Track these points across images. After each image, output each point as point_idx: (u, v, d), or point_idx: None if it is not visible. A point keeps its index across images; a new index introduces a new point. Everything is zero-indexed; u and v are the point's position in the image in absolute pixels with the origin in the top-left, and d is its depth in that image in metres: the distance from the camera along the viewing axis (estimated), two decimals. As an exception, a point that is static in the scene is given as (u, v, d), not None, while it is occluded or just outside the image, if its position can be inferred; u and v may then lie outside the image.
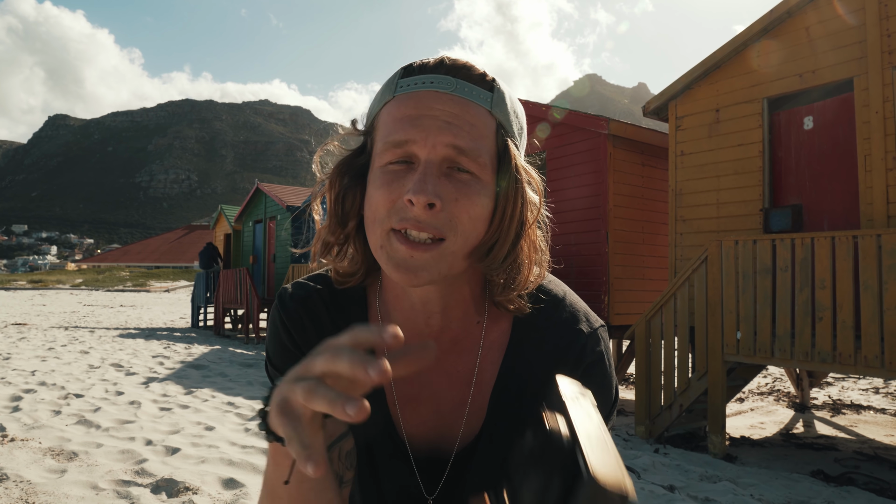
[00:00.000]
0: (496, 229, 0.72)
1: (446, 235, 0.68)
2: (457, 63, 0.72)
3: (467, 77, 0.71)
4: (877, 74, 4.96)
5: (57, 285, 46.37)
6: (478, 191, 0.69)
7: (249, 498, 3.24)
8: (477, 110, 0.70)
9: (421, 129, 0.67)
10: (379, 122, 0.73)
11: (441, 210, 0.67)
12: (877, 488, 3.92)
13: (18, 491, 3.18)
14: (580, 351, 0.79)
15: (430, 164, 0.67)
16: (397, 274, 0.69)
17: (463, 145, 0.67)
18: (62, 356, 8.82)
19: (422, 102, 0.69)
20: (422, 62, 0.73)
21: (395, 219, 0.68)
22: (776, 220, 5.46)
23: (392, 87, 0.72)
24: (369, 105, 0.78)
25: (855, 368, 4.04)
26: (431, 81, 0.70)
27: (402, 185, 0.68)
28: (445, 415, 0.82)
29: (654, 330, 5.20)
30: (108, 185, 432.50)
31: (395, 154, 0.69)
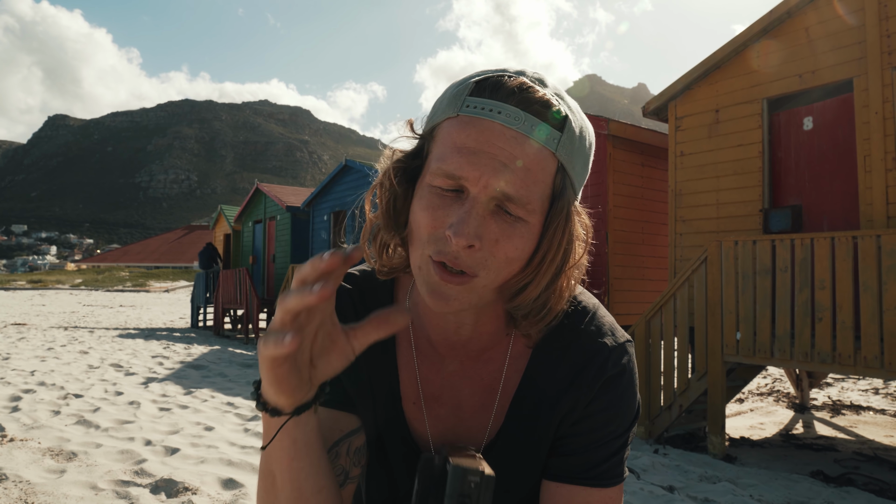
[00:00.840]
0: (534, 270, 0.71)
1: (478, 273, 0.67)
2: (534, 95, 0.67)
3: (539, 114, 0.67)
4: (876, 75, 4.96)
5: (56, 285, 46.35)
6: (521, 234, 0.67)
7: (249, 498, 3.24)
8: (540, 153, 0.67)
9: (476, 167, 0.65)
10: (438, 134, 0.70)
11: (479, 250, 0.66)
12: (876, 489, 3.92)
13: (18, 491, 3.18)
14: (602, 364, 0.79)
15: (477, 203, 0.66)
16: (430, 298, 0.69)
17: (513, 193, 0.65)
18: (61, 356, 8.81)
19: (483, 135, 0.66)
20: (497, 81, 0.68)
21: (433, 249, 0.67)
22: (776, 221, 5.46)
23: (459, 101, 0.69)
24: (432, 107, 0.75)
25: (854, 369, 4.04)
26: (500, 111, 0.66)
27: (446, 215, 0.67)
28: (465, 419, 0.82)
29: (654, 330, 5.20)
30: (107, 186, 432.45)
31: (445, 182, 0.67)
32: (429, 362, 0.83)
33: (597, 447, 0.79)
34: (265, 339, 0.58)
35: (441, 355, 0.83)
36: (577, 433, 0.79)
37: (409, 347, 0.84)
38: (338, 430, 0.80)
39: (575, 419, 0.79)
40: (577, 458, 0.79)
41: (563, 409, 0.79)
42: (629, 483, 3.70)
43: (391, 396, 0.83)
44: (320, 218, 13.84)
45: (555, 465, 0.80)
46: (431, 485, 0.62)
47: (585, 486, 0.78)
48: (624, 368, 0.80)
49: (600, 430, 0.79)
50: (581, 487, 0.78)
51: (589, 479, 0.78)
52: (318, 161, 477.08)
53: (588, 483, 0.78)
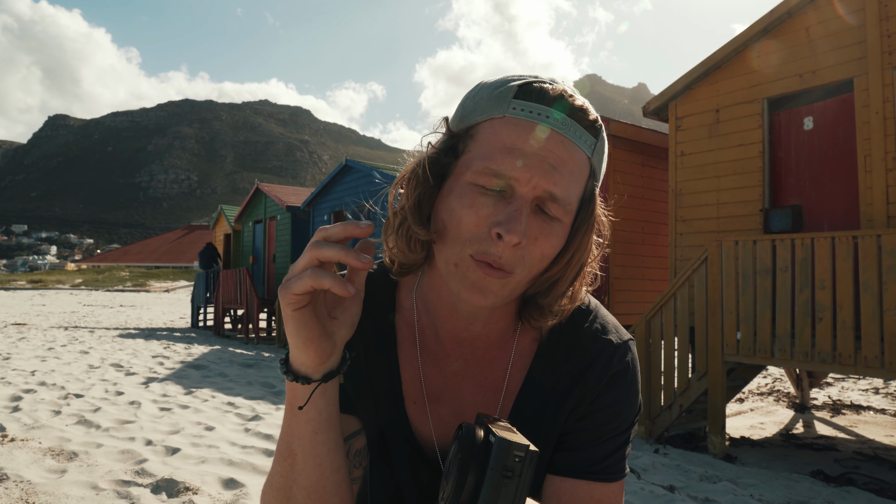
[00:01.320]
0: (562, 268, 0.74)
1: (515, 270, 0.69)
2: (575, 103, 0.71)
3: (580, 120, 0.71)
4: (877, 75, 4.96)
5: (57, 285, 46.36)
6: (556, 233, 0.70)
7: (250, 498, 3.24)
8: (580, 157, 0.71)
9: (527, 167, 0.67)
10: (480, 133, 0.71)
11: (521, 248, 0.68)
12: (877, 488, 3.92)
13: (18, 491, 3.18)
14: (607, 361, 0.81)
15: (524, 202, 0.68)
16: (468, 293, 0.70)
17: (559, 194, 0.68)
18: (62, 356, 8.82)
19: (535, 137, 0.68)
20: (540, 86, 0.71)
21: (475, 248, 0.68)
22: (776, 221, 5.46)
23: (504, 103, 0.70)
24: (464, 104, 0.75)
25: (855, 369, 4.04)
26: (548, 116, 0.69)
27: (490, 213, 0.68)
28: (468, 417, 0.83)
29: (654, 330, 5.20)
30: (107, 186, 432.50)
31: (491, 182, 0.68)
32: (432, 361, 0.83)
33: (601, 443, 0.80)
34: (287, 282, 0.63)
35: (446, 353, 0.83)
36: (581, 429, 0.80)
37: (412, 346, 0.84)
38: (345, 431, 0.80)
39: (580, 415, 0.81)
40: (581, 453, 0.80)
41: (568, 406, 0.80)
42: (630, 483, 3.70)
43: (393, 396, 0.83)
44: (320, 218, 13.84)
45: (559, 460, 0.81)
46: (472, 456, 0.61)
47: (589, 481, 0.79)
48: (628, 365, 0.82)
49: (605, 426, 0.80)
50: (585, 482, 0.79)
51: (593, 473, 0.79)
52: (319, 161, 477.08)
53: (592, 477, 0.79)
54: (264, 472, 3.70)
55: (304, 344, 0.65)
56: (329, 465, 0.71)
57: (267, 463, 3.86)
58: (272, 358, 9.64)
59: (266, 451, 4.14)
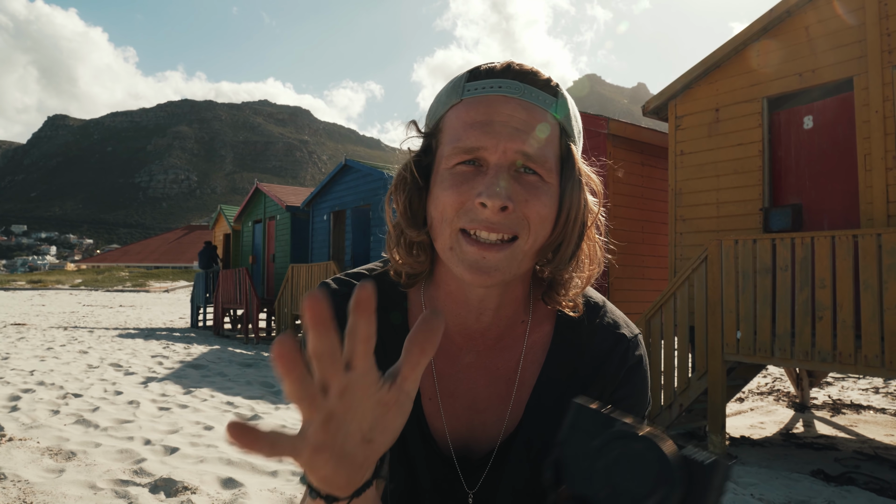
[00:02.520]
0: (561, 230, 0.74)
1: (519, 234, 0.70)
2: (523, 68, 0.73)
3: (533, 82, 0.72)
4: (877, 73, 4.95)
5: (56, 286, 46.33)
6: (545, 191, 0.71)
7: (248, 497, 3.23)
8: (543, 115, 0.71)
9: (491, 135, 0.69)
10: (445, 124, 0.74)
11: (513, 211, 0.68)
12: (877, 488, 3.91)
13: (16, 490, 3.17)
14: (623, 354, 0.82)
15: (500, 168, 0.69)
16: (470, 275, 0.70)
17: (531, 152, 0.69)
18: (61, 356, 8.80)
19: (491, 107, 0.70)
20: (489, 66, 0.74)
21: (465, 219, 0.69)
22: (776, 220, 5.45)
23: (458, 90, 0.74)
24: (430, 107, 0.79)
25: (855, 368, 4.04)
26: (500, 86, 0.71)
27: (471, 187, 0.69)
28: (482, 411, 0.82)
29: (654, 329, 5.19)
30: (107, 186, 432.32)
31: (463, 158, 0.70)
32: (444, 356, 0.83)
33: None
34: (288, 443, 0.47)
35: (458, 347, 0.83)
36: None
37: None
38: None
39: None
40: None
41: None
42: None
43: None
44: (320, 217, 13.83)
45: None
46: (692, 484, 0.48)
47: None
48: (641, 358, 0.83)
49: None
50: None
51: None
52: (318, 161, 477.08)
53: None
54: (263, 471, 3.69)
55: (332, 478, 0.51)
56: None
57: (266, 463, 3.85)
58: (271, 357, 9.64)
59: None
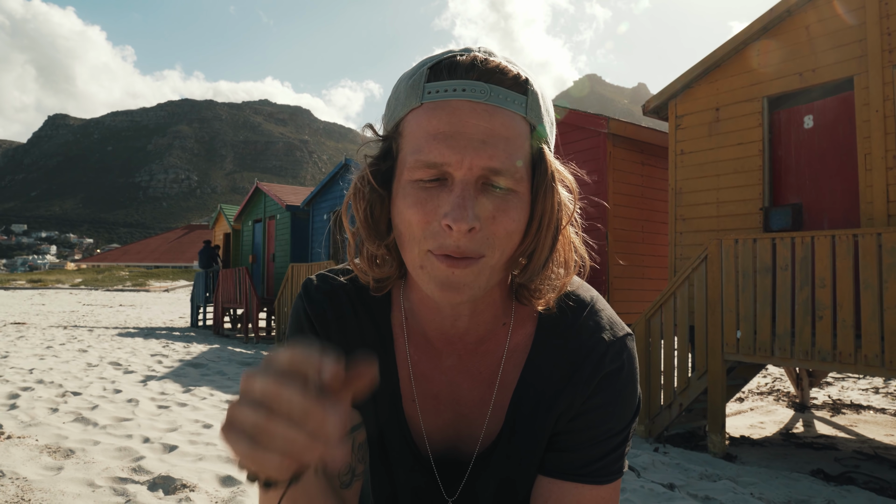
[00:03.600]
0: (533, 238, 0.70)
1: (485, 253, 0.66)
2: (489, 65, 0.67)
3: (500, 81, 0.66)
4: (877, 73, 4.95)
5: (56, 285, 46.33)
6: (514, 205, 0.66)
7: (247, 496, 3.23)
8: (511, 119, 0.66)
9: (456, 150, 0.63)
10: (405, 129, 0.68)
11: (479, 231, 0.65)
12: (877, 487, 3.91)
13: (14, 488, 3.16)
14: (598, 360, 0.77)
15: (466, 185, 0.64)
16: (441, 293, 0.67)
17: (499, 167, 0.64)
18: (60, 355, 8.80)
19: (454, 116, 0.65)
20: (450, 61, 0.67)
21: (433, 243, 0.65)
22: (776, 219, 5.45)
23: (418, 90, 0.67)
24: (388, 102, 0.73)
25: (855, 367, 4.03)
26: (463, 89, 0.65)
27: (436, 206, 0.65)
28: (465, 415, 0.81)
29: (654, 329, 5.19)
30: (107, 185, 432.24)
31: (427, 173, 0.65)
32: (426, 359, 0.81)
33: (593, 444, 0.77)
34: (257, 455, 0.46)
35: (437, 350, 0.81)
36: (572, 430, 0.78)
37: (403, 345, 0.82)
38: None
39: (571, 416, 0.78)
40: (572, 454, 0.77)
41: (559, 407, 0.78)
42: (630, 481, 3.68)
43: (392, 396, 0.81)
44: (320, 217, 13.83)
45: (550, 461, 0.78)
46: None
47: (579, 483, 0.76)
48: (622, 364, 0.78)
49: (597, 427, 0.77)
50: (574, 484, 0.76)
51: (583, 475, 0.76)
52: (318, 160, 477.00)
53: (582, 480, 0.76)
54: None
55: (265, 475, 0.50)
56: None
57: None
58: (271, 357, 9.63)
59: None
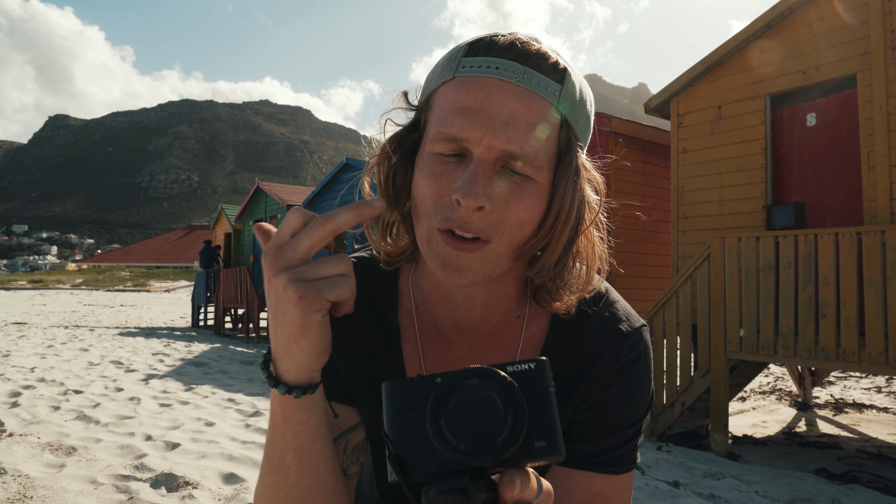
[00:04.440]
0: (548, 232, 0.68)
1: (492, 238, 0.65)
2: (529, 48, 0.65)
3: (537, 66, 0.65)
4: (880, 71, 4.94)
5: (57, 285, 46.35)
6: (531, 193, 0.65)
7: (250, 493, 3.22)
8: (541, 105, 0.64)
9: (477, 127, 0.63)
10: (435, 101, 0.68)
11: (490, 212, 0.63)
12: (881, 486, 3.90)
13: (17, 485, 3.16)
14: (617, 352, 0.77)
15: (482, 163, 0.63)
16: (442, 272, 0.66)
17: (517, 151, 0.63)
18: (62, 353, 8.80)
19: (482, 92, 0.63)
20: (491, 39, 0.67)
21: (440, 218, 0.65)
22: (779, 217, 5.44)
23: (454, 64, 0.67)
24: (427, 77, 0.72)
25: (859, 365, 4.02)
26: (497, 67, 0.64)
27: (450, 181, 0.64)
28: None
29: (657, 328, 5.18)
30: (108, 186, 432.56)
31: (447, 147, 0.65)
32: (436, 349, 0.80)
33: (610, 434, 0.76)
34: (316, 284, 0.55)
35: (449, 341, 0.80)
36: (590, 420, 0.77)
37: (413, 335, 0.81)
38: (336, 427, 0.77)
39: (589, 406, 0.77)
40: (588, 444, 0.76)
41: (576, 398, 0.77)
42: (634, 478, 3.68)
43: None
44: (321, 216, 13.83)
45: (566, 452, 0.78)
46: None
47: (596, 473, 0.76)
48: (639, 354, 0.78)
49: (614, 418, 0.77)
50: (591, 473, 0.76)
51: (599, 465, 0.76)
52: (319, 161, 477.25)
53: (598, 469, 0.76)
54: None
55: (323, 350, 0.58)
56: (327, 468, 0.67)
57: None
58: (272, 356, 9.62)
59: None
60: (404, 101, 0.73)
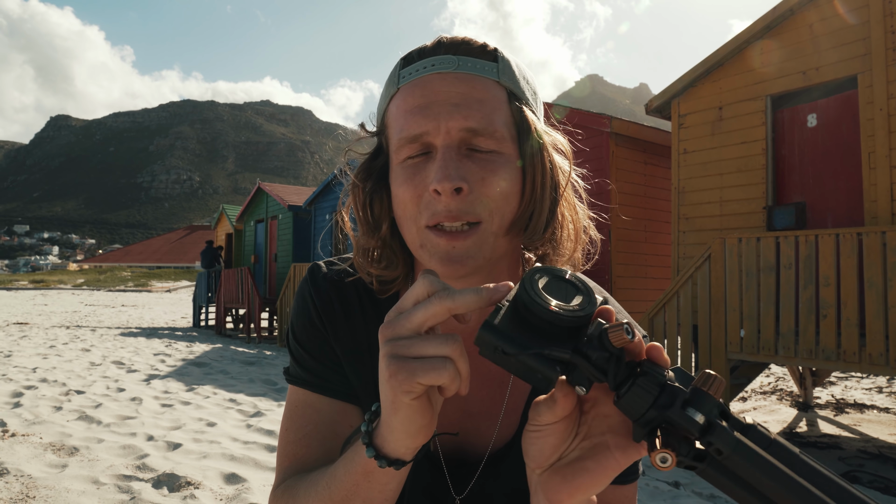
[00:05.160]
0: (529, 200, 0.69)
1: (482, 217, 0.66)
2: (455, 40, 0.69)
3: (468, 52, 0.68)
4: (881, 71, 4.94)
5: (59, 285, 46.40)
6: (502, 165, 0.66)
7: (251, 493, 3.23)
8: (484, 83, 0.67)
9: (431, 117, 0.65)
10: (389, 118, 0.71)
11: (469, 193, 0.65)
12: (882, 486, 3.90)
13: (19, 485, 3.17)
14: None
15: (448, 150, 0.65)
16: (443, 268, 0.66)
17: (476, 126, 0.65)
18: (63, 354, 8.81)
19: (427, 88, 0.67)
20: (420, 48, 0.71)
21: (426, 215, 0.66)
22: (780, 218, 5.44)
23: (395, 79, 0.70)
24: (377, 104, 0.76)
25: (859, 366, 4.02)
26: (433, 64, 0.68)
27: (424, 177, 0.66)
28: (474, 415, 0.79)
29: (657, 328, 5.18)
30: (109, 186, 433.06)
31: (412, 148, 0.67)
32: None
33: None
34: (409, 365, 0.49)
35: None
36: None
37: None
38: (347, 425, 0.77)
39: None
40: None
41: None
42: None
43: None
44: (322, 217, 13.84)
45: None
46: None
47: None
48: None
49: None
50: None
51: None
52: (320, 161, 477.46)
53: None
54: (266, 467, 3.69)
55: (416, 431, 0.54)
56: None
57: (269, 458, 3.85)
58: (274, 356, 9.63)
59: (268, 447, 4.12)
60: (364, 131, 0.76)
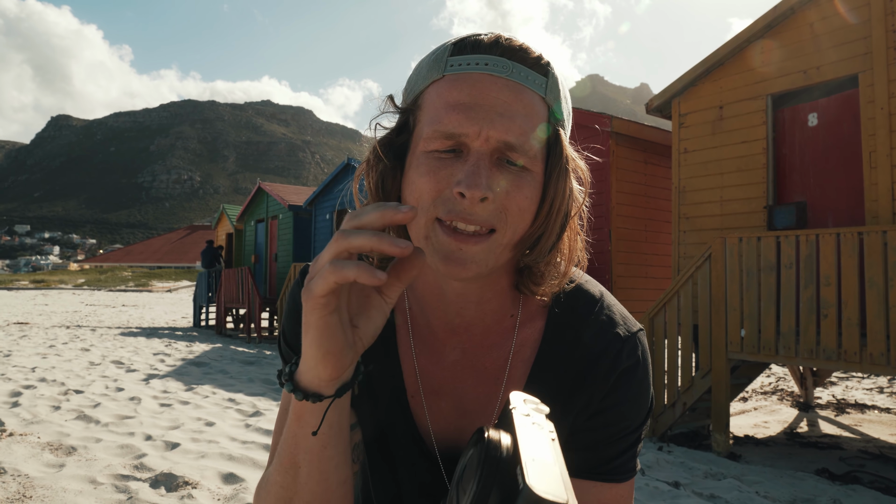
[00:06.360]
0: (543, 221, 0.69)
1: (497, 227, 0.65)
2: (513, 44, 0.68)
3: (523, 60, 0.67)
4: (882, 70, 4.93)
5: (59, 285, 46.42)
6: (528, 182, 0.66)
7: (249, 493, 3.22)
8: (531, 97, 0.67)
9: (474, 120, 0.64)
10: (425, 101, 0.69)
11: (492, 202, 0.64)
12: (882, 487, 3.89)
13: (16, 485, 3.16)
14: (615, 357, 0.76)
15: (482, 156, 0.64)
16: (445, 266, 0.66)
17: (514, 141, 0.64)
18: (63, 353, 8.81)
19: (475, 87, 0.65)
20: (475, 38, 0.69)
21: (443, 209, 0.65)
22: (780, 218, 5.43)
23: (441, 63, 0.68)
24: (409, 78, 0.74)
25: (860, 366, 4.01)
26: (486, 63, 0.66)
27: (449, 175, 0.65)
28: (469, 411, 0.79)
29: (658, 328, 5.17)
30: (110, 186, 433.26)
31: (443, 143, 0.65)
32: (428, 352, 0.79)
33: (611, 442, 0.75)
34: (309, 284, 0.56)
35: (442, 342, 0.79)
36: (590, 428, 0.76)
37: (406, 337, 0.80)
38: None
39: (589, 414, 0.76)
40: (589, 452, 0.75)
41: (577, 405, 0.76)
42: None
43: (395, 392, 0.79)
44: (322, 217, 13.83)
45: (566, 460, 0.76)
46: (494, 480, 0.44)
47: (598, 482, 0.75)
48: (638, 360, 0.77)
49: (615, 425, 0.76)
50: (593, 483, 0.75)
51: (602, 474, 0.75)
52: (321, 161, 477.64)
53: (600, 478, 0.75)
54: (264, 467, 3.68)
55: (323, 357, 0.59)
56: (336, 479, 0.67)
57: (267, 458, 3.84)
58: (273, 356, 9.62)
59: (266, 447, 4.11)
60: (391, 105, 0.74)
